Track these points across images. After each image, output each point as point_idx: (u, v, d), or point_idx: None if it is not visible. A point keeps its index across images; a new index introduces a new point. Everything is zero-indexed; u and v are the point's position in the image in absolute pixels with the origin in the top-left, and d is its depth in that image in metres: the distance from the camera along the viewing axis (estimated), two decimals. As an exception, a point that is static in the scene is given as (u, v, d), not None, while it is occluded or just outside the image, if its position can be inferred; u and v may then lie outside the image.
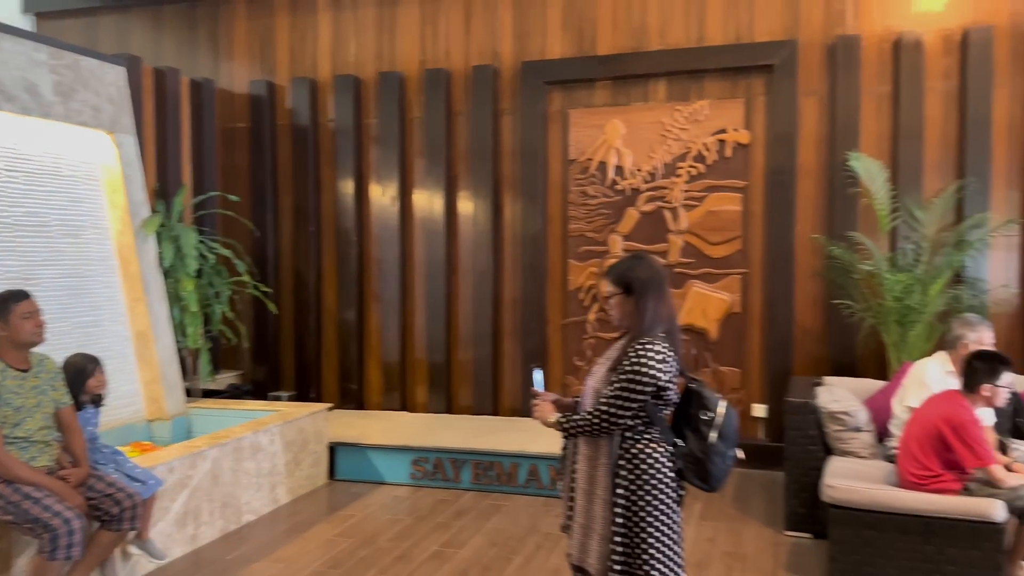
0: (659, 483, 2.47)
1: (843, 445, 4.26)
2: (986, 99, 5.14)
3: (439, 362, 6.29)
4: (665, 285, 2.54)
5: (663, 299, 2.51)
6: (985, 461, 3.49)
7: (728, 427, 2.51)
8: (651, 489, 2.46)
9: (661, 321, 2.49)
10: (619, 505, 2.46)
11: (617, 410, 2.42)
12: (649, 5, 5.79)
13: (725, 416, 2.51)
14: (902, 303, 4.87)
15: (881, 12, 5.36)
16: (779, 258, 5.55)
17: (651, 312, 2.48)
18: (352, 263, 6.48)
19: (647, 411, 2.45)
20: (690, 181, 5.74)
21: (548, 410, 2.63)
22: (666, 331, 2.50)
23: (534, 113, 5.99)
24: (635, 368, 2.42)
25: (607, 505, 2.49)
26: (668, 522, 2.48)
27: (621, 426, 2.45)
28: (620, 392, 2.42)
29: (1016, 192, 5.19)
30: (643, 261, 2.58)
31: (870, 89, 5.38)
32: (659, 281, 2.52)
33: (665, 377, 2.43)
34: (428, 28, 6.32)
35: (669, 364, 2.45)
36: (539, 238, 6.03)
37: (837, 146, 5.37)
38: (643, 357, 2.42)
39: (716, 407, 2.52)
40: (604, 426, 2.45)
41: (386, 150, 6.35)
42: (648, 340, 2.45)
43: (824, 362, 5.48)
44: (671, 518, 2.49)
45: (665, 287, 2.54)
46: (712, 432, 2.49)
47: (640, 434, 2.48)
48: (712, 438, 2.49)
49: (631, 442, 2.48)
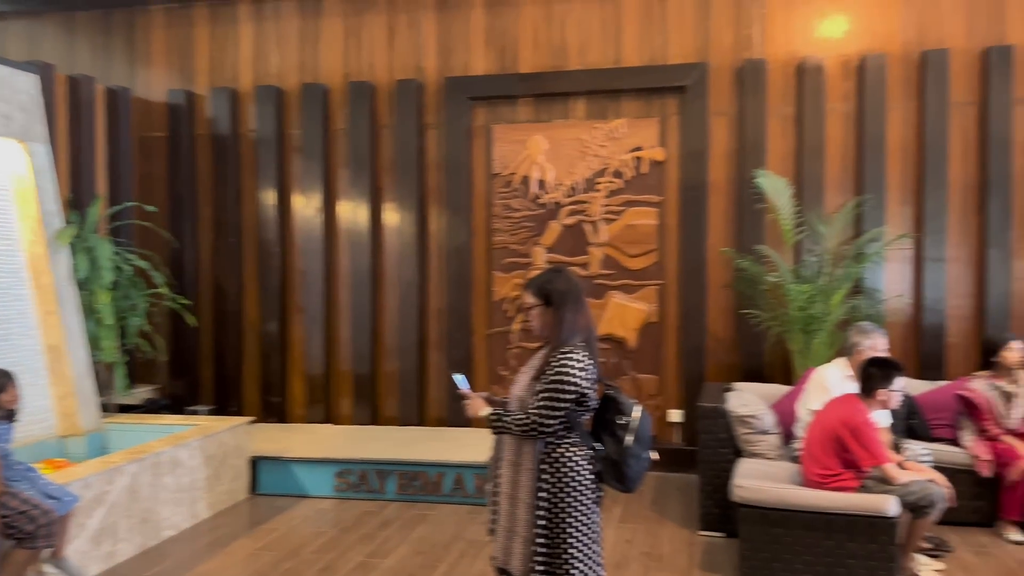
0: (579, 485, 2.58)
1: (752, 447, 4.50)
2: (881, 121, 5.51)
3: (364, 373, 6.30)
4: (583, 297, 2.66)
5: (581, 310, 2.64)
6: (880, 460, 3.75)
7: (642, 430, 2.64)
8: (571, 491, 2.58)
9: (579, 331, 2.61)
10: (541, 508, 2.57)
11: (544, 418, 2.54)
12: (568, 26, 5.99)
13: (639, 420, 2.64)
14: (806, 312, 5.16)
15: (785, 38, 5.69)
16: (693, 270, 5.80)
17: (569, 323, 2.60)
18: (274, 274, 6.44)
19: (567, 417, 2.58)
20: (609, 196, 5.94)
21: (480, 404, 2.72)
22: (584, 340, 2.62)
23: (458, 127, 6.10)
24: (558, 377, 2.53)
25: (530, 508, 2.59)
26: (588, 522, 2.60)
27: (548, 432, 2.56)
28: (546, 400, 2.54)
29: (909, 207, 5.57)
30: (561, 274, 2.70)
31: (775, 110, 5.69)
32: (576, 293, 2.65)
33: (585, 384, 2.55)
34: (352, 41, 6.35)
35: (589, 372, 2.57)
36: (464, 250, 6.13)
37: (745, 164, 5.66)
38: (565, 366, 2.54)
39: (631, 412, 2.64)
40: (531, 432, 2.57)
41: (310, 161, 6.35)
42: (568, 349, 2.57)
43: (735, 368, 5.74)
44: (590, 518, 2.61)
45: (583, 299, 2.66)
46: (628, 436, 2.62)
47: (561, 439, 2.60)
48: (628, 441, 2.61)
49: (552, 447, 2.60)
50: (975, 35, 5.43)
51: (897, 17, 5.53)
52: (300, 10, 6.41)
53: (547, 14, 6.01)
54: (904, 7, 5.52)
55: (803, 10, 5.65)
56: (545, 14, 6.01)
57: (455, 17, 6.16)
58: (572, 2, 5.97)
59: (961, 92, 5.44)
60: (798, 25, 5.67)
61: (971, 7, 5.43)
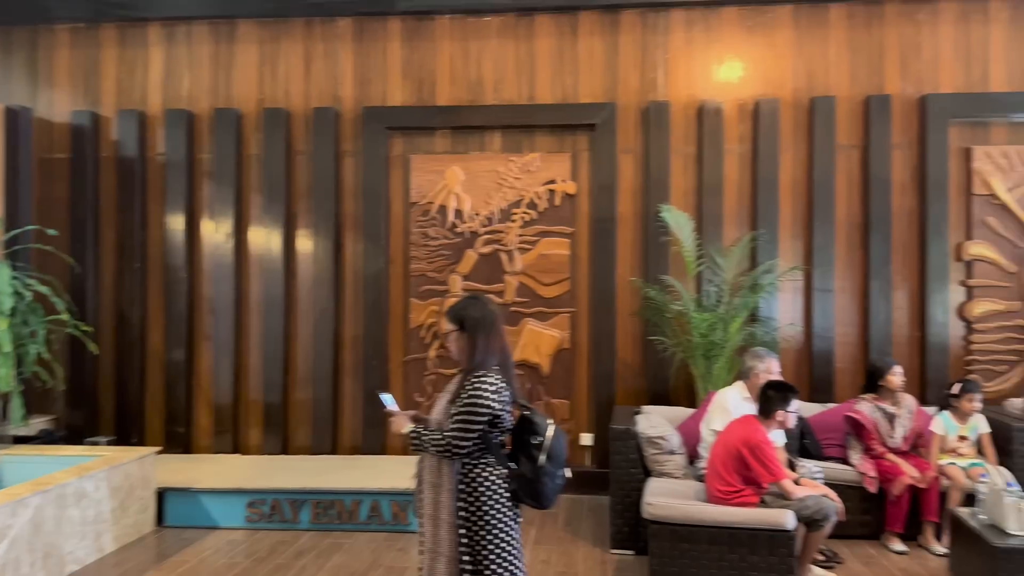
0: (496, 504, 2.69)
1: (660, 467, 4.71)
2: (774, 161, 5.92)
3: (274, 402, 6.21)
4: (498, 323, 2.79)
5: (495, 335, 2.76)
6: (778, 477, 4.02)
7: (556, 449, 2.74)
8: (489, 510, 2.68)
9: (493, 355, 2.74)
10: (462, 527, 2.67)
11: (459, 439, 2.65)
12: (484, 62, 6.18)
13: (553, 439, 2.75)
14: (707, 339, 5.46)
15: (687, 82, 6.06)
16: (603, 298, 6.03)
17: (483, 347, 2.73)
18: (181, 301, 6.29)
19: (483, 438, 2.69)
20: (524, 226, 6.13)
21: (403, 422, 2.82)
22: (500, 364, 2.75)
23: (376, 156, 6.17)
24: (472, 400, 2.66)
25: (452, 528, 2.68)
26: (508, 539, 2.71)
27: (463, 453, 2.67)
28: (460, 422, 2.65)
29: (800, 242, 5.99)
30: (477, 301, 2.84)
31: (678, 149, 6.03)
32: (491, 319, 2.77)
33: (499, 407, 2.68)
34: (267, 68, 6.35)
35: (503, 394, 2.70)
36: (381, 277, 6.17)
37: (651, 198, 5.96)
38: (479, 389, 2.66)
39: (545, 432, 2.75)
40: (447, 453, 2.67)
41: (221, 186, 6.27)
42: (482, 373, 2.70)
43: (643, 392, 5.99)
44: (511, 535, 2.72)
45: (498, 325, 2.79)
46: (541, 455, 2.72)
47: (477, 460, 2.71)
48: (541, 460, 2.72)
49: (469, 467, 2.70)
50: (858, 84, 5.94)
51: (788, 66, 5.99)
52: (214, 35, 6.36)
53: (464, 50, 6.19)
54: (794, 57, 5.98)
55: (703, 56, 6.04)
56: (462, 50, 6.19)
57: (373, 49, 6.26)
58: (488, 40, 6.17)
59: (846, 136, 5.92)
60: (698, 70, 6.05)
61: (854, 59, 5.94)
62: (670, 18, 6.03)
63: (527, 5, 6.06)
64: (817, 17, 5.95)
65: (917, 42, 5.90)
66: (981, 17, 5.86)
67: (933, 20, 5.88)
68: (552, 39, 6.12)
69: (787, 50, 5.99)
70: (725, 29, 6.01)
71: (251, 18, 6.31)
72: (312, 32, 6.31)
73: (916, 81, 5.89)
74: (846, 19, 5.93)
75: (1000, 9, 5.85)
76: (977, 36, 5.86)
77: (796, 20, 5.96)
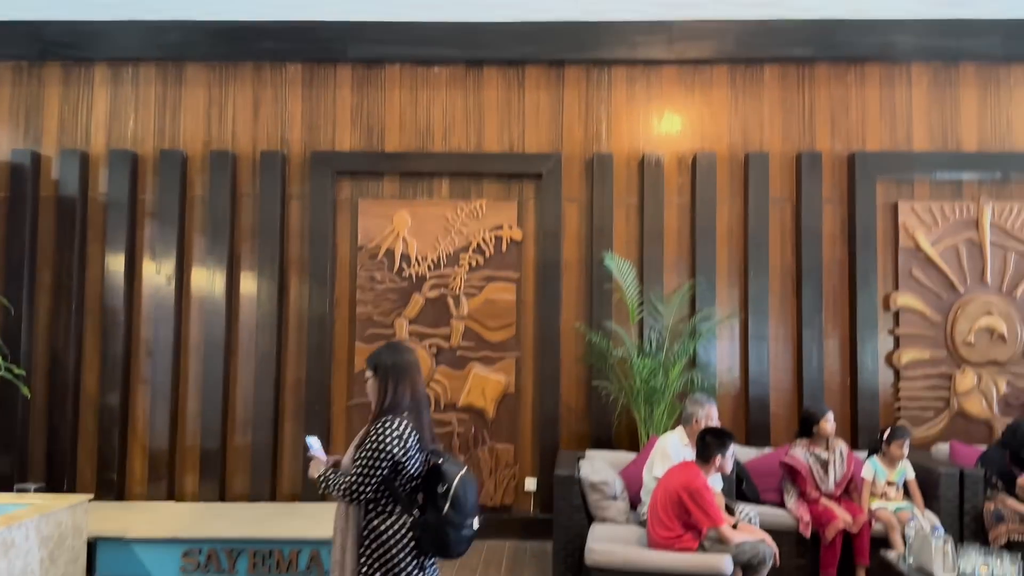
0: (400, 553, 2.70)
1: (602, 512, 4.76)
2: (711, 212, 6.14)
3: (212, 448, 6.09)
4: (411, 369, 2.83)
5: (405, 381, 2.80)
6: (717, 522, 4.11)
7: (462, 499, 2.70)
8: (392, 559, 2.70)
9: (403, 401, 2.78)
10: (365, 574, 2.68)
11: (359, 484, 2.67)
12: (433, 111, 6.30)
13: (459, 488, 2.70)
14: (648, 384, 5.58)
15: (629, 135, 6.27)
16: (548, 343, 6.12)
17: (392, 393, 2.78)
18: (118, 344, 6.15)
19: (387, 485, 2.71)
20: (471, 271, 6.20)
21: (317, 466, 2.86)
22: (411, 410, 2.78)
23: (323, 200, 6.19)
24: (374, 445, 2.69)
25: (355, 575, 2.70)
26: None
27: (363, 498, 2.69)
28: (361, 467, 2.68)
29: (736, 290, 6.19)
30: (392, 347, 2.91)
31: (620, 199, 6.21)
32: (403, 365, 2.82)
33: (400, 452, 2.69)
34: (214, 110, 6.35)
35: (407, 441, 2.71)
36: (326, 320, 6.15)
37: (595, 246, 6.11)
38: (381, 435, 2.70)
39: (451, 480, 2.71)
40: (347, 497, 2.69)
41: (163, 227, 6.19)
42: (387, 419, 2.73)
43: (586, 437, 6.05)
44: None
45: (411, 371, 2.82)
46: (446, 504, 2.69)
47: (383, 507, 2.73)
48: (445, 509, 2.68)
49: (373, 515, 2.73)
50: (790, 141, 6.23)
51: (725, 122, 6.25)
52: (162, 76, 6.35)
53: (413, 98, 6.30)
54: (731, 114, 6.25)
55: (644, 111, 6.27)
56: (412, 98, 6.30)
57: (323, 94, 6.32)
58: (438, 89, 6.30)
59: (779, 190, 6.19)
60: (640, 124, 6.27)
61: (787, 118, 6.24)
62: (613, 74, 6.26)
63: (476, 58, 6.22)
64: (752, 77, 6.25)
65: (845, 103, 6.23)
66: (904, 81, 6.23)
67: (860, 82, 6.23)
68: (500, 91, 6.28)
69: (723, 107, 6.25)
70: (665, 86, 6.26)
71: (200, 61, 6.33)
72: (261, 77, 6.35)
73: (845, 139, 6.21)
74: (779, 79, 6.24)
75: (921, 74, 6.23)
76: (901, 98, 6.22)
77: (732, 79, 6.25)
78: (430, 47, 6.20)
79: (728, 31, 6.12)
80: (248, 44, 6.25)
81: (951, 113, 6.20)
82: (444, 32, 6.16)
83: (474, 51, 6.20)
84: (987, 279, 6.09)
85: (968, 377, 6.03)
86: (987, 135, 6.18)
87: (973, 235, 6.12)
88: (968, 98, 6.21)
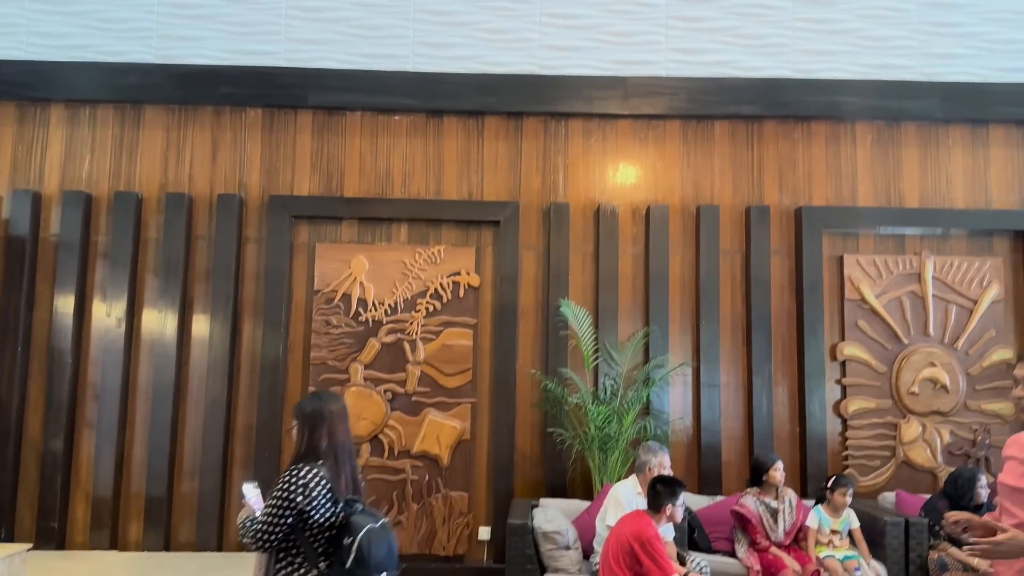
0: None
1: (555, 562, 4.75)
2: (664, 261, 6.26)
3: (158, 495, 5.93)
4: (331, 417, 2.82)
5: (322, 429, 2.80)
6: (667, 573, 4.12)
7: (367, 553, 2.62)
8: None
9: (318, 449, 2.78)
10: None
11: (265, 532, 2.66)
12: (393, 158, 6.37)
13: (366, 542, 2.63)
14: (603, 432, 5.61)
15: (585, 185, 6.40)
16: (504, 389, 6.13)
17: (308, 441, 2.79)
18: (64, 387, 6.00)
19: (296, 535, 2.69)
20: (428, 316, 6.21)
21: (243, 512, 2.84)
22: (327, 458, 2.77)
23: (280, 243, 6.17)
24: (279, 493, 2.69)
25: None
26: None
27: (269, 546, 2.67)
28: (267, 515, 2.67)
29: (688, 337, 6.29)
30: (314, 396, 2.95)
31: (577, 247, 6.31)
32: (321, 414, 2.82)
33: (305, 502, 2.66)
34: (172, 153, 6.33)
35: (314, 491, 2.68)
36: (279, 365, 6.08)
37: (551, 293, 6.18)
38: (286, 483, 2.70)
39: (356, 533, 2.64)
40: (255, 545, 2.68)
41: (115, 268, 6.11)
42: (297, 467, 2.73)
43: (541, 485, 6.04)
44: None
45: (330, 419, 2.82)
46: (349, 558, 2.63)
47: (293, 557, 2.71)
48: (348, 563, 2.63)
49: (282, 564, 2.71)
50: (740, 195, 6.41)
51: (677, 175, 6.42)
52: (119, 118, 6.33)
53: (374, 145, 6.37)
54: (683, 167, 6.43)
55: (600, 163, 6.41)
56: (372, 145, 6.37)
57: (282, 139, 6.35)
58: (398, 137, 6.38)
59: (729, 241, 6.35)
60: (595, 175, 6.41)
61: (736, 172, 6.43)
62: (570, 127, 6.41)
63: (437, 107, 6.33)
64: (703, 132, 6.45)
65: (793, 158, 6.45)
66: (849, 139, 6.48)
67: (807, 139, 6.47)
68: (460, 140, 6.38)
69: (676, 161, 6.43)
70: (620, 139, 6.43)
71: (159, 104, 6.33)
72: (221, 120, 6.36)
73: (792, 193, 6.42)
74: (729, 135, 6.45)
75: (865, 132, 6.49)
76: (846, 155, 6.47)
77: (684, 134, 6.44)
78: (391, 96, 6.29)
79: (680, 88, 6.32)
80: (209, 88, 6.27)
81: (894, 170, 6.45)
82: (405, 82, 6.27)
83: (435, 101, 6.31)
84: (930, 331, 6.29)
85: (913, 427, 6.19)
86: (928, 192, 6.44)
87: (916, 288, 6.33)
88: (909, 156, 6.47)
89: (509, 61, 6.27)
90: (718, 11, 6.44)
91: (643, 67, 6.33)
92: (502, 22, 6.38)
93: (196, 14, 6.36)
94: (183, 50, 6.30)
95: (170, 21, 6.36)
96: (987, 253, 6.41)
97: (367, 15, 6.39)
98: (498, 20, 6.39)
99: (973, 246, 6.43)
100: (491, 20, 6.39)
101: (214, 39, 6.34)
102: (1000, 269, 6.35)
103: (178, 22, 6.36)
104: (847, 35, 6.44)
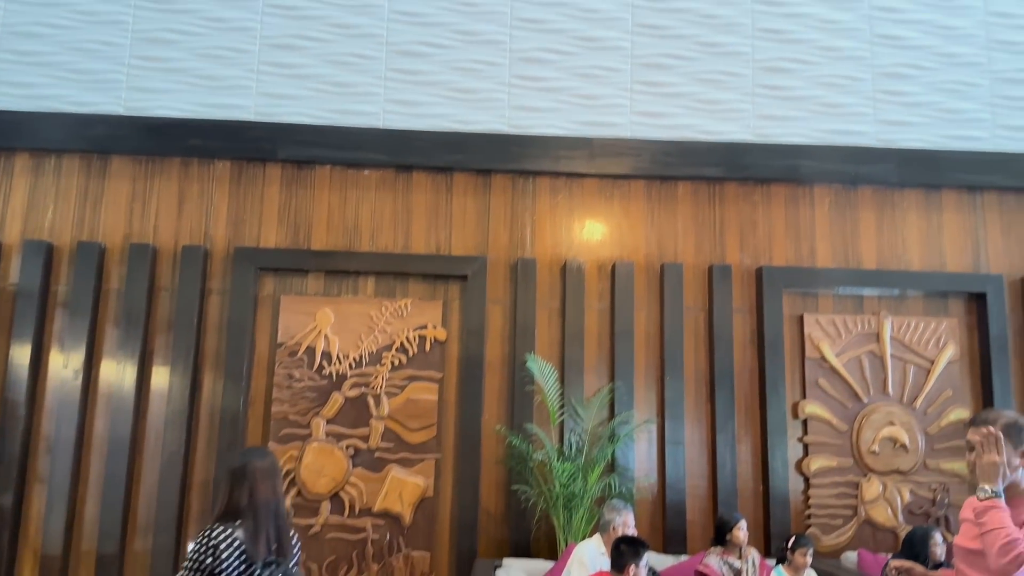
0: None
1: (517, 625, 4.66)
2: (629, 318, 6.32)
3: (110, 553, 5.74)
4: (255, 475, 2.79)
5: (243, 487, 2.77)
6: (630, 633, 4.07)
7: None
8: None
9: (238, 507, 2.74)
10: None
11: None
12: (362, 212, 6.40)
13: None
14: (568, 489, 5.57)
15: (553, 241, 6.48)
16: (468, 445, 6.07)
17: (227, 499, 2.78)
18: (15, 440, 5.82)
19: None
20: (393, 370, 6.17)
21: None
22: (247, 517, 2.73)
23: (244, 295, 6.12)
24: (191, 555, 2.68)
25: None
26: None
27: None
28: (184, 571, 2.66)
29: (653, 393, 6.32)
30: (244, 452, 2.98)
31: (543, 302, 6.35)
32: (246, 471, 2.80)
33: (214, 563, 2.64)
34: (137, 204, 6.30)
35: (224, 552, 2.66)
36: (239, 419, 5.98)
37: (518, 348, 6.18)
38: (199, 544, 2.69)
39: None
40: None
41: (75, 318, 6.00)
42: (211, 528, 2.72)
43: (505, 543, 5.95)
44: None
45: (253, 477, 2.79)
46: None
47: None
48: None
49: None
50: (702, 254, 6.53)
51: (642, 233, 6.53)
52: (85, 168, 6.30)
53: (342, 199, 6.40)
54: (647, 226, 6.54)
55: (566, 220, 6.51)
56: (340, 199, 6.40)
57: (250, 192, 6.36)
58: (367, 191, 6.42)
59: (693, 299, 6.43)
60: (563, 232, 6.50)
61: (699, 232, 6.56)
62: (537, 184, 6.51)
63: (406, 163, 6.40)
64: (667, 192, 6.59)
65: (753, 219, 6.60)
66: (808, 201, 6.66)
67: (767, 201, 6.63)
68: (428, 195, 6.45)
69: (641, 220, 6.55)
70: (586, 197, 6.54)
71: (126, 154, 6.32)
72: (188, 172, 6.36)
73: (753, 253, 6.55)
74: (692, 196, 6.59)
75: (824, 195, 6.68)
76: (805, 217, 6.64)
77: (648, 194, 6.58)
78: (360, 151, 6.36)
79: (645, 150, 6.48)
80: (176, 140, 6.28)
81: (851, 232, 6.63)
82: (375, 138, 6.35)
83: (404, 157, 6.38)
84: (888, 390, 6.40)
85: (874, 485, 6.24)
86: (885, 254, 6.61)
87: (875, 347, 6.45)
88: (867, 219, 6.66)
89: (478, 120, 6.38)
90: (681, 77, 6.64)
91: (609, 128, 6.49)
92: (472, 82, 6.52)
93: (167, 67, 6.41)
94: (153, 102, 6.32)
95: (140, 74, 6.39)
96: (943, 314, 6.58)
97: (338, 72, 6.48)
98: (468, 80, 6.52)
99: (929, 307, 6.60)
100: (461, 80, 6.53)
101: (184, 92, 6.38)
102: (956, 330, 6.51)
103: (149, 75, 6.40)
104: (805, 101, 6.68)
